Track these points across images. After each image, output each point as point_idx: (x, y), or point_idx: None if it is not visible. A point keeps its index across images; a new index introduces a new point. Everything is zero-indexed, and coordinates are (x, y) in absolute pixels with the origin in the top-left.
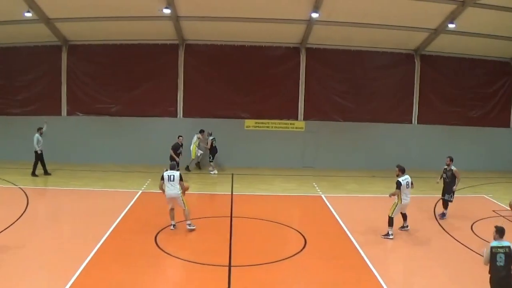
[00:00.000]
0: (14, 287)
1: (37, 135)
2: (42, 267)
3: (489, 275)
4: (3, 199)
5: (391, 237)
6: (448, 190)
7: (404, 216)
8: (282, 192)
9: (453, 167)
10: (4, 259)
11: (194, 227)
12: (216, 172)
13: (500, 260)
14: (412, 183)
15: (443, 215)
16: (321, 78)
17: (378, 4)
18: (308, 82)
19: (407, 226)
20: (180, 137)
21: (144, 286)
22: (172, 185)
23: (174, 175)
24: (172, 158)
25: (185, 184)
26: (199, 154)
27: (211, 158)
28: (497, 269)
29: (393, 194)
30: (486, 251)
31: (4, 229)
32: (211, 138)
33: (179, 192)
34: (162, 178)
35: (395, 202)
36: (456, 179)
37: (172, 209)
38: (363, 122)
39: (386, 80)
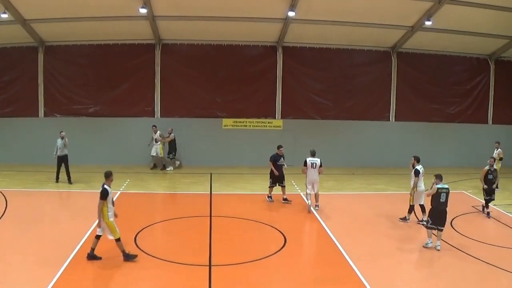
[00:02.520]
0: None
1: (58, 139)
2: (21, 269)
3: (431, 207)
4: None
5: (408, 221)
6: (493, 190)
7: (423, 208)
8: (261, 191)
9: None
10: None
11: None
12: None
13: (443, 197)
14: (423, 172)
15: (488, 214)
16: (299, 76)
17: (355, 2)
18: (286, 80)
19: (422, 220)
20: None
21: (124, 287)
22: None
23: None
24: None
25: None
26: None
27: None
28: (439, 204)
29: (415, 184)
30: (433, 189)
31: None
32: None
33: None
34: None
35: (412, 191)
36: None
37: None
38: (341, 120)
39: (363, 77)
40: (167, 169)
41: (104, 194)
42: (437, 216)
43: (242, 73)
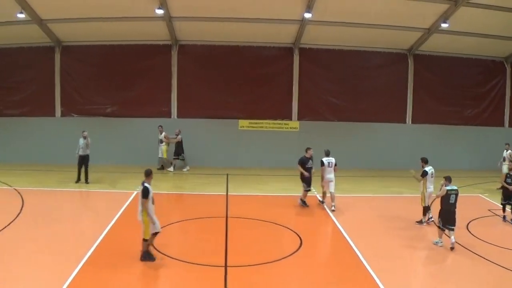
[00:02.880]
0: (10, 286)
1: (81, 139)
2: (38, 268)
3: (440, 208)
4: None
5: (424, 224)
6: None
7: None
8: (277, 192)
9: None
10: (2, 259)
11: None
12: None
13: (452, 199)
14: (432, 175)
15: (504, 218)
16: (315, 78)
17: (371, 4)
18: (302, 82)
19: (431, 218)
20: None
21: (139, 287)
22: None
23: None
24: None
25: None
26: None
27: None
28: (449, 205)
29: (418, 179)
30: (442, 190)
31: (1, 230)
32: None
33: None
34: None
35: (422, 192)
36: None
37: None
38: (356, 122)
39: (379, 79)
40: (168, 169)
41: (146, 193)
42: (447, 217)
43: (259, 74)
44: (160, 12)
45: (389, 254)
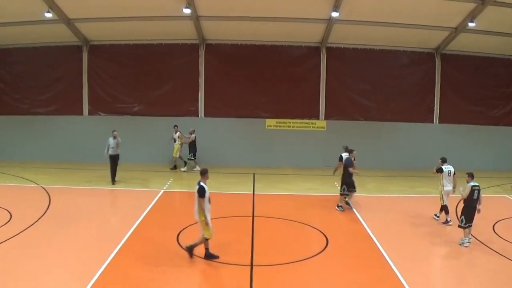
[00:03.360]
0: (36, 285)
1: (110, 138)
2: (64, 265)
3: (464, 205)
4: (25, 198)
5: (450, 223)
6: None
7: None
8: (303, 192)
9: None
10: (27, 257)
11: None
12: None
13: (475, 195)
14: (454, 173)
15: None
16: (342, 77)
17: (398, 2)
18: (329, 81)
19: (450, 221)
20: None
21: (165, 286)
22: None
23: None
24: None
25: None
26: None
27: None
28: (473, 201)
29: (434, 172)
30: (467, 188)
31: (27, 228)
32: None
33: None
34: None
35: (439, 191)
36: None
37: None
38: (384, 122)
39: (407, 79)
40: (181, 169)
41: (203, 192)
42: (470, 214)
43: (286, 74)
44: (187, 11)
45: (415, 255)
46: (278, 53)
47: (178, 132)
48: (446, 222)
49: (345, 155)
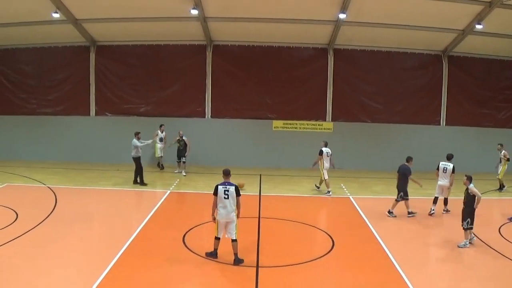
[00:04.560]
0: (41, 285)
1: (134, 139)
2: (70, 265)
3: (469, 208)
4: (32, 198)
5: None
6: None
7: (445, 201)
8: (310, 193)
9: None
10: (33, 256)
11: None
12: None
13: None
14: (453, 171)
15: None
16: (349, 79)
17: (405, 5)
18: (336, 83)
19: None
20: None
21: (171, 286)
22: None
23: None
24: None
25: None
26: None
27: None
28: (474, 203)
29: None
30: (478, 191)
31: (33, 228)
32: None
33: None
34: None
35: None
36: None
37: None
38: (391, 124)
39: (414, 81)
40: (175, 171)
41: (239, 191)
42: (474, 216)
43: (293, 75)
44: (194, 12)
45: (421, 258)
46: (286, 54)
47: (164, 132)
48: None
49: (325, 149)
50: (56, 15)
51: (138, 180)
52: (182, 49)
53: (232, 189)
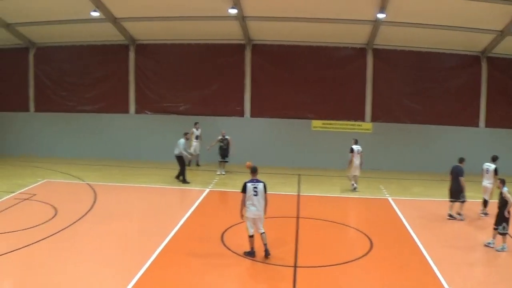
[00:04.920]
0: (79, 280)
1: (181, 139)
2: (109, 261)
3: (502, 211)
4: (71, 194)
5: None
6: None
7: (485, 203)
8: (349, 194)
9: None
10: (72, 252)
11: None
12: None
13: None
14: (487, 170)
15: None
16: (388, 79)
17: (444, 5)
18: (375, 83)
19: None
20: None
21: (208, 284)
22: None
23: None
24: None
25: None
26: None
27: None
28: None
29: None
30: (511, 198)
31: (73, 223)
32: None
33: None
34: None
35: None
36: None
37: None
38: (430, 125)
39: (453, 82)
40: (217, 173)
41: (266, 189)
42: (509, 221)
43: (332, 75)
44: (233, 11)
45: (459, 260)
46: (324, 54)
47: (200, 129)
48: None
49: (355, 147)
50: (95, 14)
51: (181, 178)
52: (221, 48)
53: (260, 186)
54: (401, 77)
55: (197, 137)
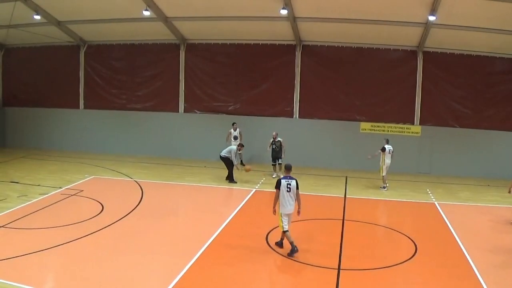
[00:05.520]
0: (124, 277)
1: (234, 147)
2: (153, 258)
3: None
4: (119, 191)
5: None
6: None
7: None
8: (395, 198)
9: None
10: (117, 248)
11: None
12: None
13: None
14: None
15: None
16: (438, 82)
17: (495, 8)
18: (425, 86)
19: None
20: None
21: (251, 283)
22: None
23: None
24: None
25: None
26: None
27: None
28: None
29: None
30: None
31: (119, 219)
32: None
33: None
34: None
35: None
36: None
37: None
38: (480, 129)
39: (504, 86)
40: (273, 176)
41: (298, 185)
42: None
43: (382, 77)
44: (284, 12)
45: (505, 268)
46: (375, 55)
47: (238, 129)
48: None
49: (387, 146)
50: (146, 13)
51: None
52: (271, 48)
53: (293, 183)
54: (451, 81)
55: (235, 138)
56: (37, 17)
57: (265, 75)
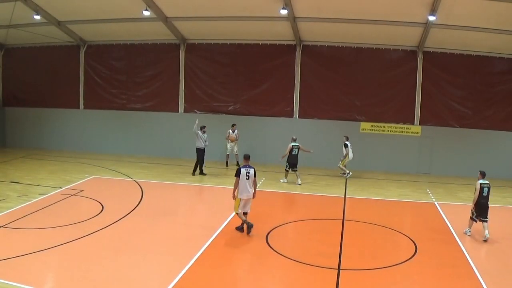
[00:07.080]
0: (124, 276)
1: (199, 132)
2: (153, 258)
3: (476, 201)
4: (118, 191)
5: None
6: None
7: None
8: (395, 198)
9: None
10: (117, 248)
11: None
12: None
13: (485, 192)
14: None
15: None
16: (438, 82)
17: (495, 8)
18: (425, 86)
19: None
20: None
21: (251, 284)
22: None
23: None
24: None
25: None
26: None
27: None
28: (482, 197)
29: None
30: (476, 186)
31: (119, 219)
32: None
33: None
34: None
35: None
36: None
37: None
38: (480, 129)
39: (504, 86)
40: (280, 180)
41: (255, 173)
42: (480, 209)
43: (382, 77)
44: (284, 12)
45: (505, 269)
46: (375, 56)
47: (236, 130)
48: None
49: (348, 143)
50: (146, 13)
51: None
52: (271, 48)
53: (252, 171)
54: (451, 81)
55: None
56: (37, 17)
57: (265, 75)
